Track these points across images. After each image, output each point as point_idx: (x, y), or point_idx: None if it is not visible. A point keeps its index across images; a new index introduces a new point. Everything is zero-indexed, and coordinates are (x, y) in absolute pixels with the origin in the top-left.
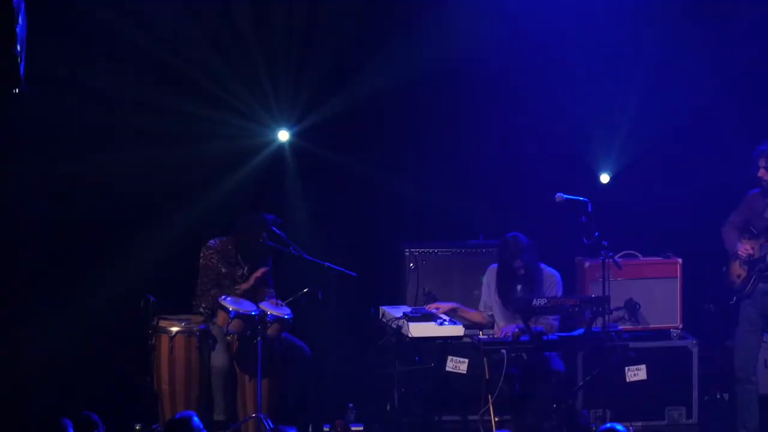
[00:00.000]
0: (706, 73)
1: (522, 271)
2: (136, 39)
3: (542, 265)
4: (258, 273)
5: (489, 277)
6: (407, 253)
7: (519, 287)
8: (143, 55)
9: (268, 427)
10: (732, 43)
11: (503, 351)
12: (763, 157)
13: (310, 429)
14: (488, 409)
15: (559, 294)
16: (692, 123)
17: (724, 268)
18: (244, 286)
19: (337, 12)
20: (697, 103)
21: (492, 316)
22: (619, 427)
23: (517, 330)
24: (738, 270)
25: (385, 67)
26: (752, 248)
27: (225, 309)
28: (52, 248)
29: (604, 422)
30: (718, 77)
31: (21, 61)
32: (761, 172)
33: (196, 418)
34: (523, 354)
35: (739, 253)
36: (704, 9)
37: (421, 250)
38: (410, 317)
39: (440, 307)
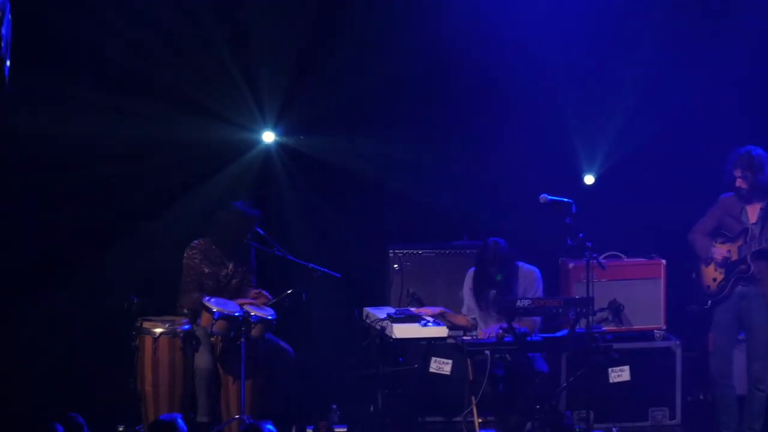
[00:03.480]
0: (690, 74)
1: (497, 278)
2: (118, 42)
3: (520, 263)
4: (259, 291)
5: (469, 280)
6: (391, 254)
7: (493, 292)
8: (126, 59)
9: None
10: (718, 43)
11: (487, 352)
12: (739, 166)
13: (294, 430)
14: (472, 410)
15: (540, 291)
16: (676, 124)
17: (693, 275)
18: (243, 301)
19: (321, 9)
20: (681, 104)
21: (475, 318)
22: None
23: (500, 330)
24: (713, 274)
25: (370, 67)
26: (728, 251)
27: (209, 310)
28: (34, 250)
29: (588, 423)
30: (703, 78)
31: (6, 62)
32: (738, 182)
33: (180, 421)
34: (507, 355)
35: (715, 257)
36: (692, 9)
37: (405, 251)
38: (394, 318)
39: (427, 312)
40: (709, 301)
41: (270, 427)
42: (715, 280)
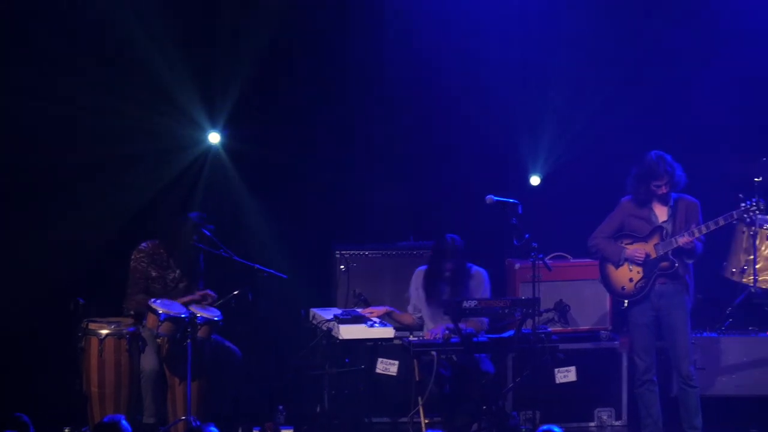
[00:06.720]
0: (633, 75)
1: (448, 274)
2: (67, 35)
3: (469, 265)
4: (205, 292)
5: (417, 279)
6: (338, 255)
7: (446, 289)
8: (78, 53)
9: None
10: (664, 43)
11: (433, 353)
12: (664, 175)
13: (240, 431)
14: (418, 410)
15: (487, 292)
16: (621, 125)
17: (599, 279)
18: (187, 299)
19: (269, 11)
20: (625, 105)
21: (421, 317)
22: (555, 428)
23: (446, 331)
24: (628, 274)
25: (315, 66)
26: (645, 249)
27: (155, 312)
28: None
29: (534, 424)
30: (645, 79)
31: None
32: (663, 189)
33: (124, 422)
34: (453, 356)
35: (635, 256)
36: (632, 5)
37: (351, 252)
38: (341, 319)
39: (374, 311)
40: (626, 302)
41: (212, 429)
42: (631, 280)
